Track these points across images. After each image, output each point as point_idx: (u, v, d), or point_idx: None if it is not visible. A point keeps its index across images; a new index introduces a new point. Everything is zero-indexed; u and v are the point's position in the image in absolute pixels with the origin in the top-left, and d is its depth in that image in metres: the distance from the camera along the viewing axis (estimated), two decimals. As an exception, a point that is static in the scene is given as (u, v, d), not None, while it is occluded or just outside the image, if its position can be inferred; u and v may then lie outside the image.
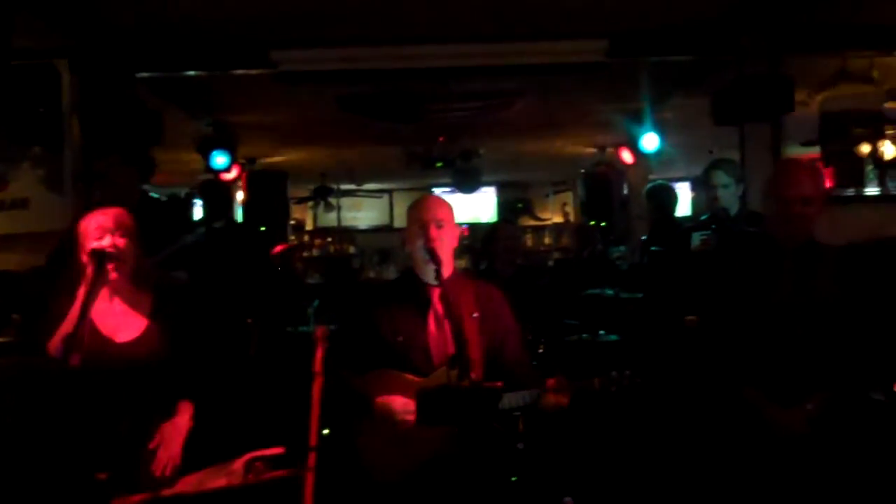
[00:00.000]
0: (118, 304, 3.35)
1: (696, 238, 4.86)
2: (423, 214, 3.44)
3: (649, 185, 7.09)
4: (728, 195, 4.90)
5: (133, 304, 3.36)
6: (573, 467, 4.76)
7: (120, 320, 3.33)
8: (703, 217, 5.18)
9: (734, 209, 4.90)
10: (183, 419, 3.30)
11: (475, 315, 3.42)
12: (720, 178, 4.93)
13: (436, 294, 3.40)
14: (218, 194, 6.78)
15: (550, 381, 3.28)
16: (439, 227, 3.40)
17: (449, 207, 3.54)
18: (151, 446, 3.22)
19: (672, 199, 6.58)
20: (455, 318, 3.23)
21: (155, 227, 3.72)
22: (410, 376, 3.34)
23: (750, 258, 3.59)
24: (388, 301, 3.52)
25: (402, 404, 3.26)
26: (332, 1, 5.58)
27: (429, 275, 3.39)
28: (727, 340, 3.46)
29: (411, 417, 3.22)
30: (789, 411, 3.25)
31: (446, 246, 3.41)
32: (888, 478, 3.36)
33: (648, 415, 4.94)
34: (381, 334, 3.41)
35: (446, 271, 3.33)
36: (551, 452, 4.30)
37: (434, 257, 3.29)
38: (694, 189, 13.41)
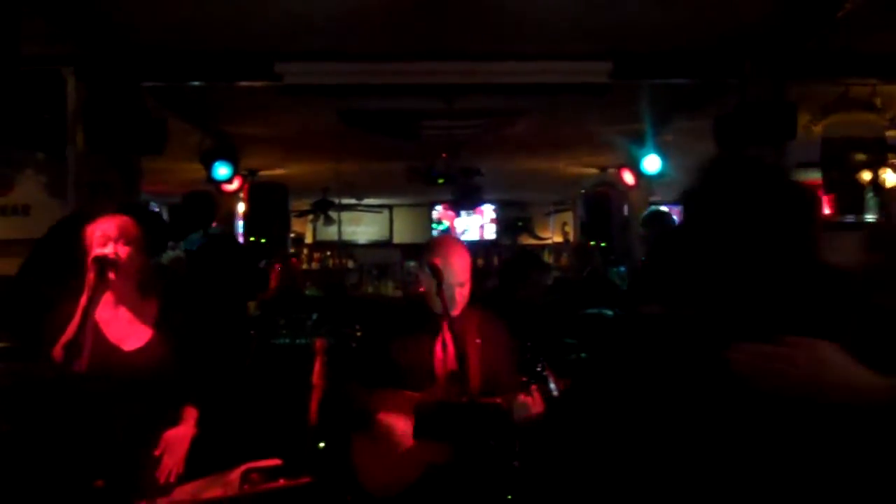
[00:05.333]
0: (124, 313, 3.35)
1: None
2: (452, 277, 3.49)
3: (646, 213, 7.11)
4: None
5: (138, 313, 3.37)
6: (569, 484, 4.73)
7: (126, 328, 3.33)
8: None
9: None
10: (187, 426, 3.32)
11: (477, 341, 3.54)
12: None
13: (444, 322, 3.51)
14: (201, 205, 6.76)
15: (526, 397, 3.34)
16: (462, 286, 3.52)
17: (470, 261, 3.63)
18: (157, 453, 3.23)
19: (667, 221, 6.60)
20: (460, 343, 3.38)
21: (155, 238, 3.73)
22: (411, 393, 3.40)
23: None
24: (401, 325, 3.64)
25: (403, 428, 3.31)
26: (338, 15, 5.60)
27: (439, 307, 3.47)
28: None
29: (410, 441, 3.29)
30: None
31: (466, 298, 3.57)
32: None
33: (648, 427, 4.91)
34: (392, 356, 3.50)
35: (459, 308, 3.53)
36: (548, 469, 4.29)
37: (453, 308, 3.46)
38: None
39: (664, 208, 7.38)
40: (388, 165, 11.06)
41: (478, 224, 15.71)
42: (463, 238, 15.24)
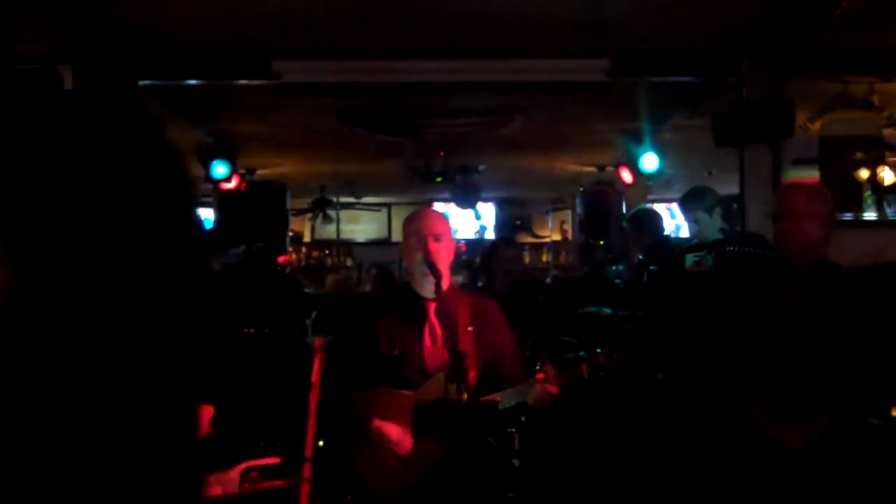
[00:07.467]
0: None
1: (690, 259, 4.93)
2: (422, 228, 3.44)
3: (631, 213, 7.12)
4: (703, 227, 5.12)
5: None
6: (569, 482, 4.74)
7: None
8: (695, 240, 5.26)
9: (713, 235, 5.07)
10: (202, 423, 3.30)
11: (470, 329, 3.42)
12: (691, 214, 5.16)
13: (432, 308, 3.42)
14: (237, 208, 6.71)
15: (540, 375, 3.27)
16: (437, 240, 3.40)
17: (446, 221, 3.56)
18: None
19: (659, 219, 6.62)
20: (451, 332, 3.27)
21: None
22: (407, 392, 3.34)
23: (750, 278, 3.61)
24: (385, 314, 3.52)
25: (397, 434, 3.29)
26: (336, 13, 5.59)
27: (426, 289, 3.41)
28: (732, 358, 3.46)
29: (407, 447, 3.27)
30: (791, 430, 3.24)
31: (444, 259, 3.41)
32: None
33: (650, 426, 4.92)
34: (379, 348, 3.40)
35: (444, 285, 3.32)
36: (547, 467, 4.29)
37: (434, 270, 3.29)
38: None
39: (653, 206, 7.38)
40: (387, 164, 11.04)
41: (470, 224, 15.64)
42: (461, 237, 15.23)
